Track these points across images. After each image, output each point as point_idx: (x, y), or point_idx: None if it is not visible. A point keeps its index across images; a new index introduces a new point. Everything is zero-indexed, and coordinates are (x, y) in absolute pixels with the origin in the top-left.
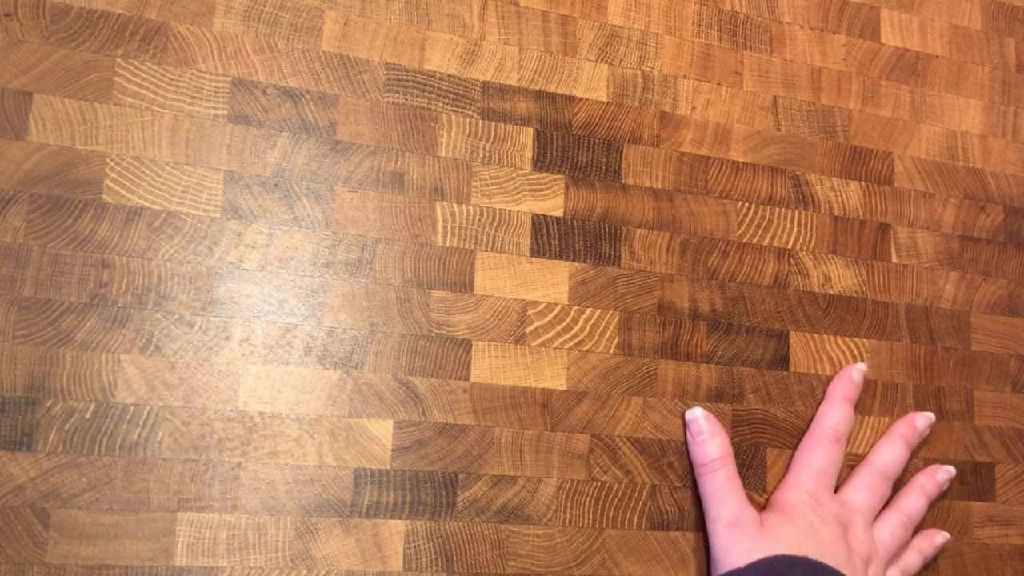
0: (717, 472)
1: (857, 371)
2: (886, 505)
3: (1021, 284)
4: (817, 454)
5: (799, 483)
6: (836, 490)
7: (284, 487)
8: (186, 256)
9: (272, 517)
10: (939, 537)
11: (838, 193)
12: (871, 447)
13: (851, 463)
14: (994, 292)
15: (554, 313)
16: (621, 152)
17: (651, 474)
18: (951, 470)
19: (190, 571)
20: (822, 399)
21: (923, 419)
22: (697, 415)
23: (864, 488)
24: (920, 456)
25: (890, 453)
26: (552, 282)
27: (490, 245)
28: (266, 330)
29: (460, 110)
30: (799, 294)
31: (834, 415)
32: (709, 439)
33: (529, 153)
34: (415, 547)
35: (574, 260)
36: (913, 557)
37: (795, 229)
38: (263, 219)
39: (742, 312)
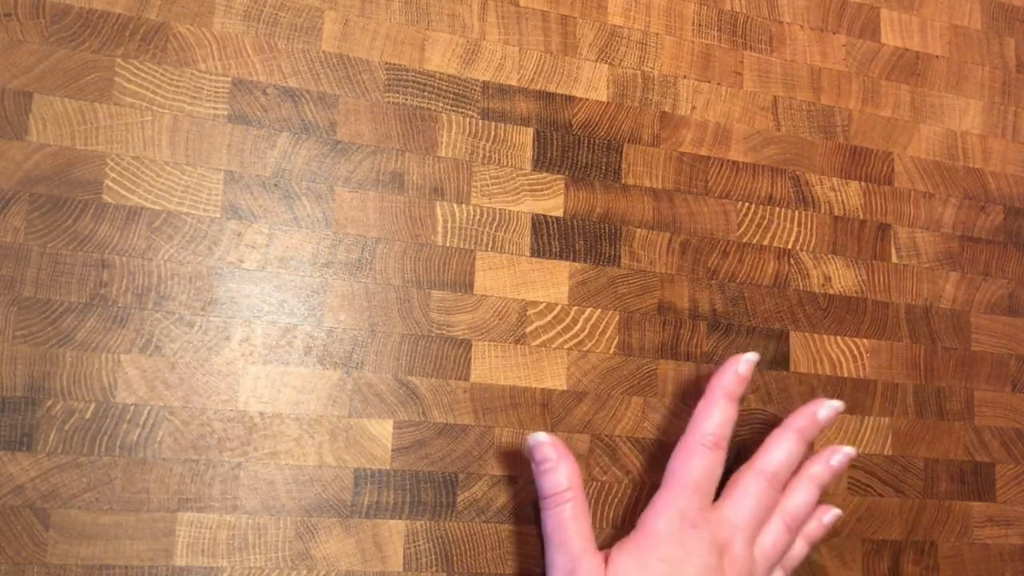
0: (563, 506)
1: (744, 363)
2: None
3: (1021, 284)
4: (693, 464)
5: (671, 503)
6: (717, 497)
7: (284, 487)
8: (186, 256)
9: (272, 517)
10: (827, 516)
11: (838, 193)
12: (762, 444)
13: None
14: (994, 292)
15: (554, 313)
16: (621, 152)
17: (651, 474)
18: (850, 451)
19: (190, 571)
20: (702, 393)
21: (827, 409)
22: (542, 440)
23: (749, 497)
24: (920, 457)
25: (781, 452)
26: (552, 282)
27: (490, 245)
28: (266, 330)
29: (460, 110)
30: (799, 294)
31: (715, 417)
32: (556, 466)
33: (529, 153)
34: (415, 547)
35: (574, 260)
36: (798, 547)
37: (795, 229)
38: (263, 219)
39: (742, 312)
